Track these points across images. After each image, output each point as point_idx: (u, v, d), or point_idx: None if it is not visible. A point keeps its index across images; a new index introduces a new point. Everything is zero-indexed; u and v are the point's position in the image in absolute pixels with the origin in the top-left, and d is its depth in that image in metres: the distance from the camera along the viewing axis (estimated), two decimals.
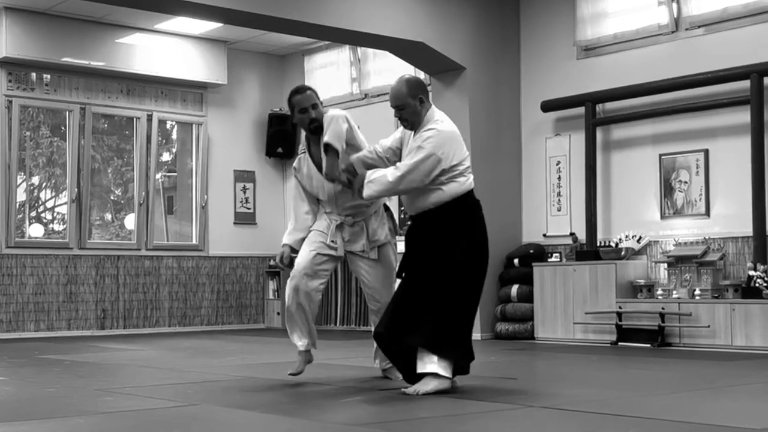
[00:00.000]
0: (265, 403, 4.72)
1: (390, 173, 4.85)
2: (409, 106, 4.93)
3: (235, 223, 12.23)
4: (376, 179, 4.88)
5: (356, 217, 5.38)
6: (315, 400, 4.87)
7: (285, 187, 12.62)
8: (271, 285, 12.24)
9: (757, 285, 7.70)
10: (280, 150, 12.30)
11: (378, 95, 11.42)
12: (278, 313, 12.06)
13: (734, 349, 7.65)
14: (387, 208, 5.59)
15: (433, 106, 5.01)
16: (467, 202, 4.97)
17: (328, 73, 11.93)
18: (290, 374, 5.45)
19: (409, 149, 4.91)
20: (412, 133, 4.99)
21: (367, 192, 4.91)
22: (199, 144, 12.00)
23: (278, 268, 5.66)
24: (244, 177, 12.34)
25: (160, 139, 11.94)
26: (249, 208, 12.35)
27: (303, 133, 5.58)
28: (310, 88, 5.45)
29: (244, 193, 12.33)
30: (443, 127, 4.89)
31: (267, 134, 12.32)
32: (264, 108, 12.46)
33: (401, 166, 4.84)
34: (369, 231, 5.38)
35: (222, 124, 12.17)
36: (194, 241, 11.94)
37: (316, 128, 5.31)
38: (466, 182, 4.97)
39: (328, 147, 5.09)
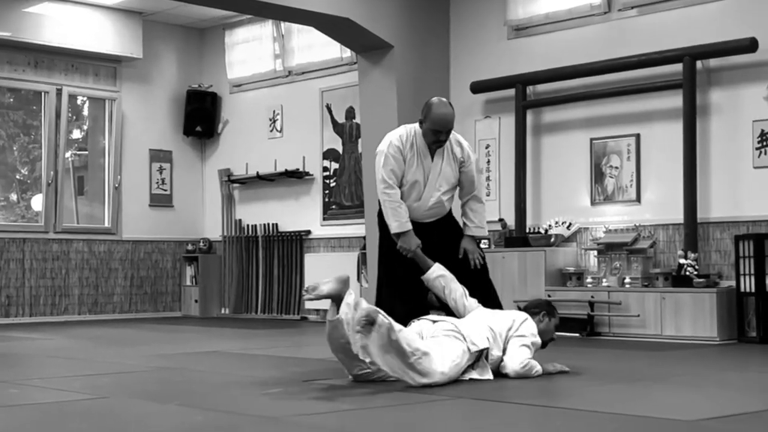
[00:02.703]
0: (181, 395, 4.67)
1: (482, 210, 5.73)
2: None
3: (150, 206, 12.08)
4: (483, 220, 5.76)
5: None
6: (234, 391, 4.83)
7: (204, 168, 12.50)
8: (189, 271, 12.13)
9: (687, 273, 7.86)
10: (198, 129, 12.18)
11: (302, 73, 11.37)
12: (196, 301, 11.96)
13: (664, 339, 7.81)
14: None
15: None
16: None
17: (250, 49, 11.84)
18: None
19: (463, 164, 5.55)
20: (416, 149, 5.42)
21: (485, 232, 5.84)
22: (112, 121, 11.81)
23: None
24: (160, 157, 12.19)
25: (70, 115, 11.73)
26: (165, 190, 12.21)
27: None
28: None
29: (160, 173, 12.18)
30: None
31: (185, 112, 12.19)
32: (182, 84, 12.31)
33: (480, 194, 5.75)
34: None
35: (137, 100, 11.99)
36: (106, 224, 11.77)
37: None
38: None
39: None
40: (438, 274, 5.36)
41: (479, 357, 4.93)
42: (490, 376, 4.94)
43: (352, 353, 4.71)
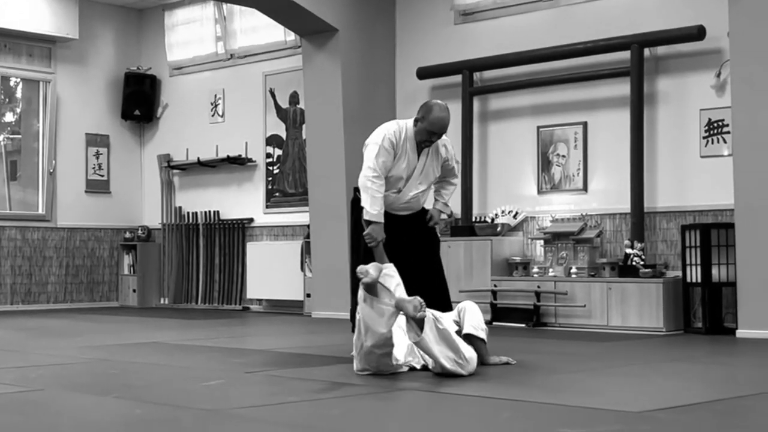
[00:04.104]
0: (118, 388, 4.63)
1: (452, 191, 6.04)
2: None
3: (86, 192, 11.93)
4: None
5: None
6: (173, 384, 4.80)
7: (142, 153, 12.38)
8: (126, 259, 12.01)
9: (633, 263, 7.96)
10: (137, 112, 12.05)
11: (245, 56, 11.29)
12: (134, 290, 11.85)
13: (610, 329, 7.90)
14: None
15: None
16: None
17: (191, 31, 11.73)
18: None
19: (446, 162, 5.84)
20: (406, 145, 5.61)
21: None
22: (46, 104, 11.64)
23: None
24: (97, 141, 12.04)
25: (2, 97, 11.55)
26: (102, 176, 12.07)
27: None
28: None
29: (97, 158, 12.04)
30: None
31: (123, 95, 12.05)
32: (120, 66, 12.16)
33: (456, 178, 6.08)
34: None
35: (73, 82, 11.83)
36: (40, 211, 11.61)
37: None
38: None
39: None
40: (388, 273, 5.43)
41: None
42: (420, 364, 5.04)
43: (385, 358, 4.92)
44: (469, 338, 5.16)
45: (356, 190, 5.79)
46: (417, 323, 4.76)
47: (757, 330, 7.21)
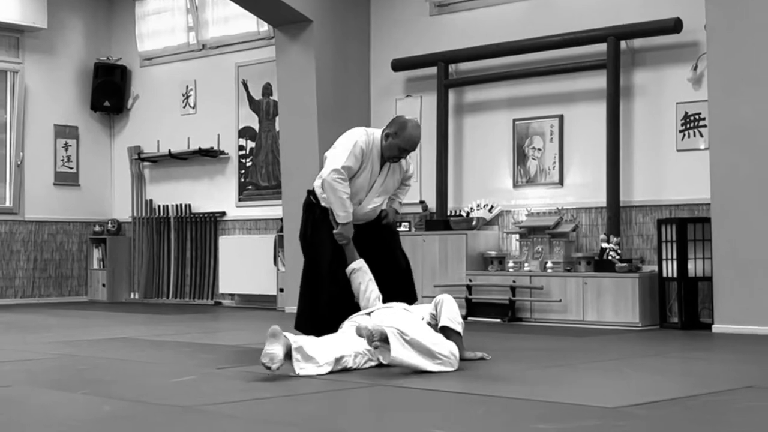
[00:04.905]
0: (87, 384, 4.61)
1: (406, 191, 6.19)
2: None
3: (55, 184, 11.86)
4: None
5: None
6: (143, 380, 4.79)
7: (112, 145, 12.31)
8: (96, 253, 11.95)
9: (609, 258, 7.99)
10: (107, 103, 11.99)
11: (217, 46, 11.25)
12: (103, 285, 11.80)
13: (586, 324, 7.93)
14: None
15: None
16: None
17: (162, 20, 11.68)
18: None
19: (403, 176, 5.97)
20: (372, 156, 5.68)
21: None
22: (14, 94, 11.55)
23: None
24: (65, 133, 11.97)
25: None
26: (71, 168, 12.00)
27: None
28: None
29: (66, 150, 11.96)
30: None
31: (92, 86, 11.98)
32: (89, 56, 12.09)
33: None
34: None
35: (41, 72, 11.74)
36: (7, 204, 11.53)
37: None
38: None
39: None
40: (360, 268, 5.63)
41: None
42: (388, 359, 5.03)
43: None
44: (445, 331, 5.18)
45: (310, 192, 5.84)
46: (382, 343, 4.79)
47: (732, 325, 7.27)
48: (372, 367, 4.96)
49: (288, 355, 4.68)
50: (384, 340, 4.78)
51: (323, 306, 5.70)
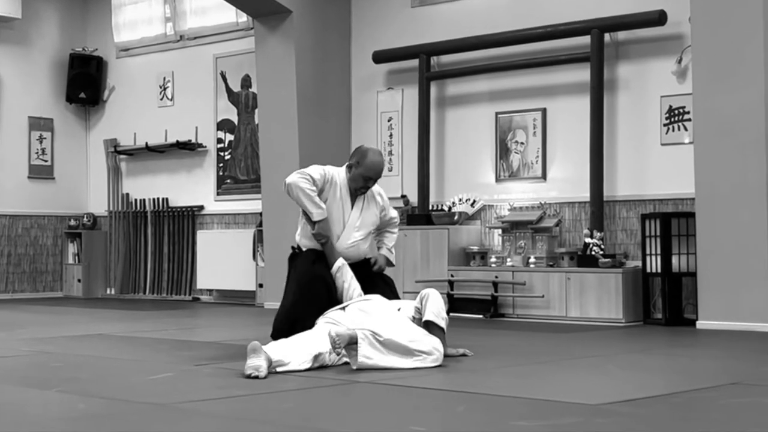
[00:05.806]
0: (62, 382, 4.59)
1: (395, 238, 6.16)
2: None
3: (29, 178, 11.80)
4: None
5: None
6: (119, 377, 4.77)
7: (88, 138, 12.26)
8: (71, 248, 11.90)
9: (593, 253, 8.01)
10: (82, 95, 11.93)
11: (195, 37, 11.21)
12: (79, 280, 11.75)
13: (569, 321, 7.95)
14: None
15: None
16: None
17: (139, 11, 11.62)
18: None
19: (383, 212, 5.97)
20: (339, 192, 5.71)
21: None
22: None
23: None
24: (40, 125, 11.90)
25: None
26: (46, 161, 11.94)
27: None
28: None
29: (41, 143, 11.90)
30: None
31: (67, 77, 11.92)
32: (64, 47, 12.02)
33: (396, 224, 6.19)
34: None
35: (15, 64, 11.68)
36: None
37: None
38: None
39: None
40: (344, 265, 5.68)
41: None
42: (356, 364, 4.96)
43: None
44: (429, 326, 5.18)
45: (294, 248, 5.85)
46: (349, 348, 4.78)
47: (717, 321, 7.30)
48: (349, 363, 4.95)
49: (269, 366, 4.68)
50: (354, 343, 4.77)
51: (297, 304, 5.68)
